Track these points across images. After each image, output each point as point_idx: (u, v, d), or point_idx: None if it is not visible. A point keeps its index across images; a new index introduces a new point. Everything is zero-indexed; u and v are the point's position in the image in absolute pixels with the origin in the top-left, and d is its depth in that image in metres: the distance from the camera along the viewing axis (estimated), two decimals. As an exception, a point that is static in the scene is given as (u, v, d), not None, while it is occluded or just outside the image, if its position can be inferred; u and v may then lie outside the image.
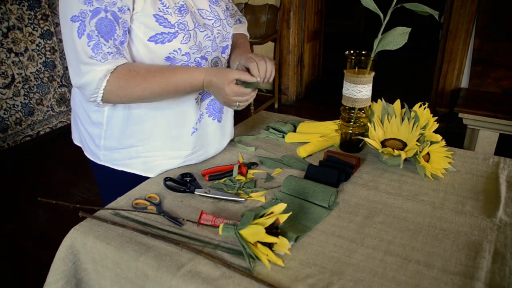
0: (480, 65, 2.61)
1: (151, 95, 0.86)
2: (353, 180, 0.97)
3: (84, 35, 0.78)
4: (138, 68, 0.84)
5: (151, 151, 0.98)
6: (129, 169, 0.99)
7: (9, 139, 2.84)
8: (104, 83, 0.82)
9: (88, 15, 0.77)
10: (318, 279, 0.67)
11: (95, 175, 1.08)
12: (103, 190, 1.11)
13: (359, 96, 1.02)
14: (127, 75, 0.83)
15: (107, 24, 0.79)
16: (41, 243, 1.97)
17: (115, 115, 0.94)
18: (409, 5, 0.94)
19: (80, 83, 0.82)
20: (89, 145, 1.02)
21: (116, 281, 0.76)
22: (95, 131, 0.97)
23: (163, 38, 0.85)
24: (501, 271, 0.69)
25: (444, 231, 0.79)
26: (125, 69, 0.83)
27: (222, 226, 0.75)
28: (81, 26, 0.78)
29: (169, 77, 0.85)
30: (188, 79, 0.86)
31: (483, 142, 2.38)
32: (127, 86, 0.83)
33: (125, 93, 0.84)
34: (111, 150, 0.98)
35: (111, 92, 0.83)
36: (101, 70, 0.81)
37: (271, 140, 1.19)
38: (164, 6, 0.85)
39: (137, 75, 0.83)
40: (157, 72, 0.85)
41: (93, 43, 0.79)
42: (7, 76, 2.75)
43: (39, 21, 2.89)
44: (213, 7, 0.98)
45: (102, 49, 0.80)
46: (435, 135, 1.03)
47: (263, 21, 3.35)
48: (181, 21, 0.87)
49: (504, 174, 0.99)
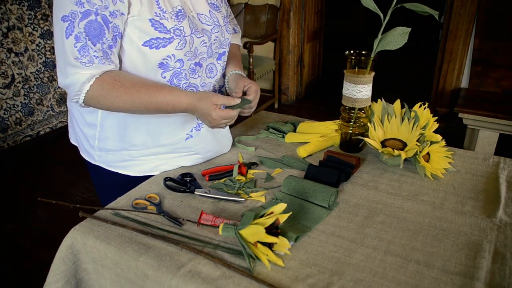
0: (480, 65, 2.61)
1: (132, 109, 0.85)
2: (353, 180, 0.97)
3: (71, 36, 0.78)
4: (124, 80, 0.84)
5: (146, 155, 0.98)
6: (124, 171, 0.99)
7: (9, 139, 2.84)
8: (86, 87, 0.81)
9: (78, 16, 0.77)
10: (318, 279, 0.67)
11: (91, 175, 1.08)
12: (100, 190, 1.11)
13: (359, 96, 1.02)
14: (111, 84, 0.82)
15: (96, 27, 0.78)
16: (41, 243, 1.97)
17: (109, 117, 0.93)
18: (409, 5, 0.94)
19: (65, 83, 0.82)
20: (84, 145, 1.01)
21: (116, 281, 0.76)
22: (90, 132, 0.97)
23: (158, 44, 0.84)
24: (501, 271, 0.69)
25: (444, 231, 0.79)
26: (110, 78, 0.82)
27: (222, 226, 0.75)
28: (69, 26, 0.77)
29: (153, 94, 0.84)
30: (171, 100, 0.86)
31: (483, 142, 2.38)
32: (109, 95, 0.82)
33: (105, 101, 0.83)
34: (105, 151, 0.98)
35: (93, 97, 0.83)
36: (85, 74, 0.81)
37: (271, 140, 1.19)
38: (161, 11, 0.84)
39: (121, 87, 0.82)
40: (142, 87, 0.84)
41: (80, 44, 0.78)
42: (7, 76, 2.75)
43: (39, 21, 2.89)
44: (213, 13, 0.97)
45: (88, 52, 0.79)
46: (435, 135, 1.03)
47: (263, 21, 3.35)
48: (177, 27, 0.86)
49: (504, 174, 0.99)
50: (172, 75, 0.90)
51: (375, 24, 1.25)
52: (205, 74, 0.97)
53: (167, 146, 0.98)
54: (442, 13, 2.98)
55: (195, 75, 0.94)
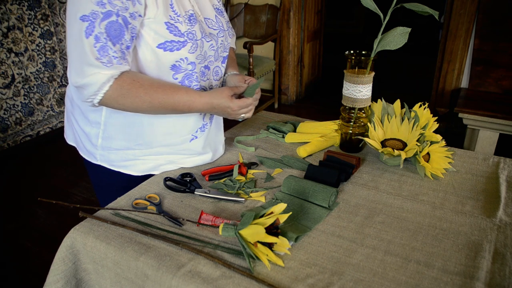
0: (480, 65, 2.61)
1: (149, 109, 0.87)
2: (353, 180, 0.97)
3: (91, 35, 0.77)
4: (142, 80, 0.85)
5: (149, 155, 0.98)
6: (126, 170, 0.99)
7: (9, 139, 2.84)
8: (106, 88, 0.82)
9: (99, 16, 0.77)
10: (318, 279, 0.67)
11: (90, 175, 1.08)
12: (99, 190, 1.11)
13: (359, 96, 1.02)
14: (130, 84, 0.83)
15: (117, 28, 0.79)
16: (41, 243, 1.97)
17: (114, 116, 0.94)
18: (409, 5, 0.94)
19: (81, 83, 0.82)
20: (85, 144, 1.01)
21: (116, 281, 0.76)
22: (93, 130, 0.97)
23: (172, 46, 0.86)
24: (501, 271, 0.69)
25: (444, 231, 0.79)
26: (129, 78, 0.84)
27: (222, 226, 0.75)
28: (90, 26, 0.77)
29: (171, 95, 0.86)
30: (187, 101, 0.88)
31: (483, 142, 2.38)
32: (128, 95, 0.84)
33: (124, 101, 0.84)
34: (108, 150, 0.98)
35: (111, 97, 0.83)
36: (106, 74, 0.81)
37: (271, 140, 1.19)
38: (175, 15, 0.85)
39: (140, 87, 0.84)
40: (159, 88, 0.86)
41: (99, 45, 0.78)
42: (7, 76, 2.75)
43: (39, 21, 2.89)
44: (218, 18, 0.99)
45: (108, 53, 0.79)
46: (435, 135, 1.03)
47: (263, 21, 3.35)
48: (190, 31, 0.87)
49: (504, 174, 0.99)
50: (183, 77, 0.91)
51: (375, 24, 1.25)
52: (212, 76, 0.99)
53: (172, 146, 0.98)
54: (442, 13, 2.98)
55: (204, 77, 0.96)
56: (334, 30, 5.69)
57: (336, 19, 5.92)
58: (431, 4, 1.02)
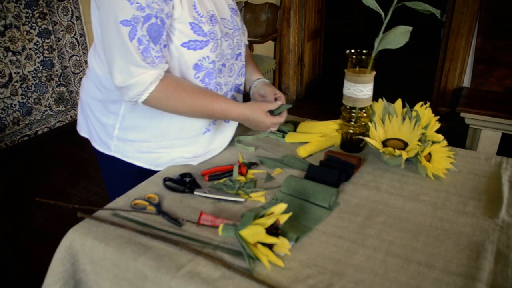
0: (483, 64, 2.60)
1: (188, 112, 0.92)
2: (353, 180, 0.97)
3: (135, 39, 0.81)
4: (184, 84, 0.91)
5: (163, 147, 1.01)
6: (139, 162, 1.02)
7: (7, 139, 2.83)
8: (152, 88, 0.86)
9: (140, 20, 0.81)
10: (319, 280, 0.67)
11: (101, 167, 1.11)
12: (109, 183, 1.14)
13: (360, 96, 1.01)
14: (175, 87, 0.89)
15: (156, 29, 0.83)
16: (39, 243, 1.97)
17: (134, 108, 0.97)
18: (410, 3, 0.93)
19: (127, 84, 0.84)
20: (100, 135, 1.04)
21: (115, 282, 0.76)
22: (110, 121, 1.00)
23: (196, 45, 0.90)
24: (503, 272, 0.68)
25: (445, 232, 0.78)
26: (173, 82, 0.89)
27: (222, 227, 0.74)
28: (132, 30, 0.81)
29: (211, 102, 0.92)
30: (225, 110, 0.94)
31: (486, 142, 2.37)
32: (172, 97, 0.89)
33: (168, 102, 0.89)
34: (123, 141, 1.01)
35: (156, 98, 0.87)
36: (153, 74, 0.85)
37: (271, 140, 1.18)
38: (199, 15, 0.89)
39: (183, 91, 0.89)
40: (200, 93, 0.92)
41: (143, 47, 0.83)
42: (4, 75, 2.74)
43: (36, 19, 2.88)
44: (234, 17, 1.03)
45: (150, 53, 0.84)
46: (437, 135, 1.02)
47: (263, 20, 3.34)
48: (212, 31, 0.91)
49: (507, 174, 0.98)
50: (204, 75, 0.95)
51: (375, 23, 1.24)
52: (227, 73, 1.03)
53: (186, 139, 1.02)
54: (444, 11, 2.97)
55: (221, 74, 1.00)
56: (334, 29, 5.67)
57: (337, 18, 5.91)
58: (433, 3, 1.02)
